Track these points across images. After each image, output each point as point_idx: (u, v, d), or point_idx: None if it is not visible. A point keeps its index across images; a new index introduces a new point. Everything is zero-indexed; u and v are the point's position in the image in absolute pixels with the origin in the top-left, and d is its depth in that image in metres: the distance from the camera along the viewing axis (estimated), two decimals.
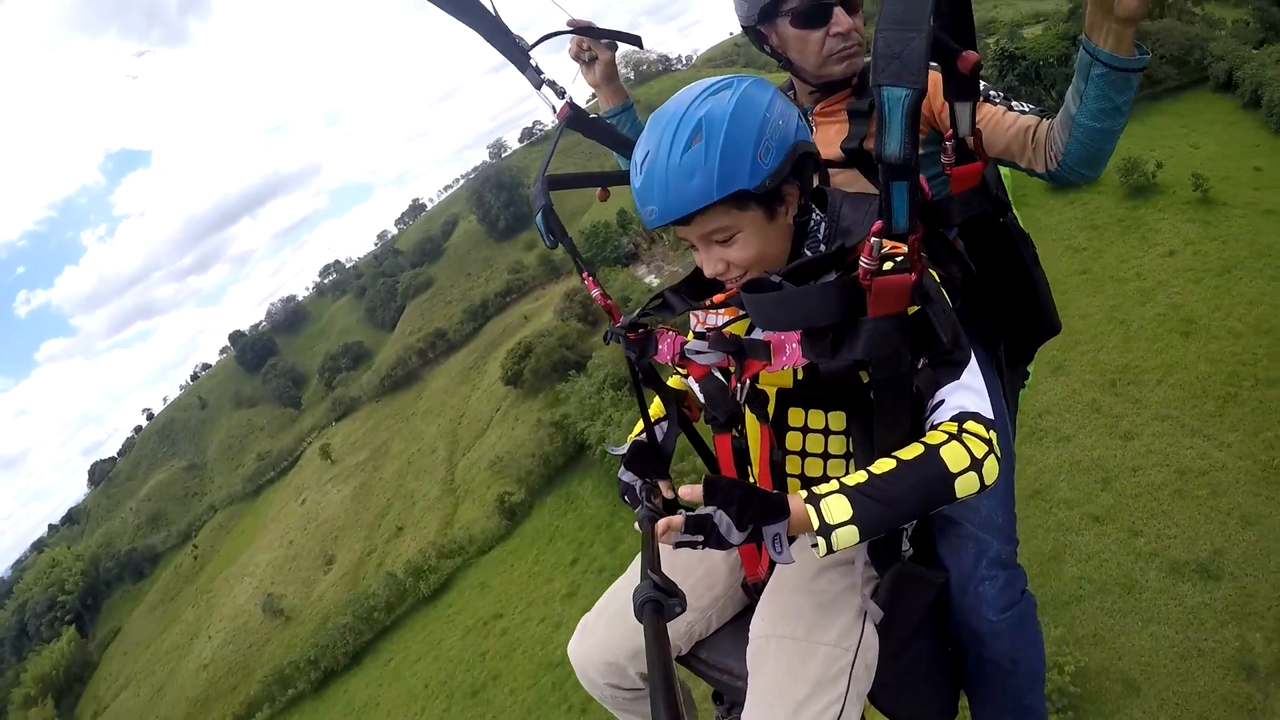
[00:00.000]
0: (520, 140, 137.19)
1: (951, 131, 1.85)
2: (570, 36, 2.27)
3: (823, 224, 1.77)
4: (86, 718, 73.59)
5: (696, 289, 1.95)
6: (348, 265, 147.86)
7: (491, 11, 2.02)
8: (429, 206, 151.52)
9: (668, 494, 1.93)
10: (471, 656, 35.10)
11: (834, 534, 1.45)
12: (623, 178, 2.10)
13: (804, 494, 1.51)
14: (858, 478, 1.51)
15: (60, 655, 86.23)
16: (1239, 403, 20.92)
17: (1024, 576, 2.15)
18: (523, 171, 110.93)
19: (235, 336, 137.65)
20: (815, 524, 1.46)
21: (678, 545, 1.50)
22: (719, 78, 1.68)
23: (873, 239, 1.40)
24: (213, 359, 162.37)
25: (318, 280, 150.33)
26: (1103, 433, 19.40)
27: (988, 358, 2.35)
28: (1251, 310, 24.08)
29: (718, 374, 1.87)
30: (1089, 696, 12.58)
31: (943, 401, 1.57)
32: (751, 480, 1.88)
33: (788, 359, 1.67)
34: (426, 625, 42.28)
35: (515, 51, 2.08)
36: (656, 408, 2.23)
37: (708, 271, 1.74)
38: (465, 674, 34.20)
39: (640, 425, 2.23)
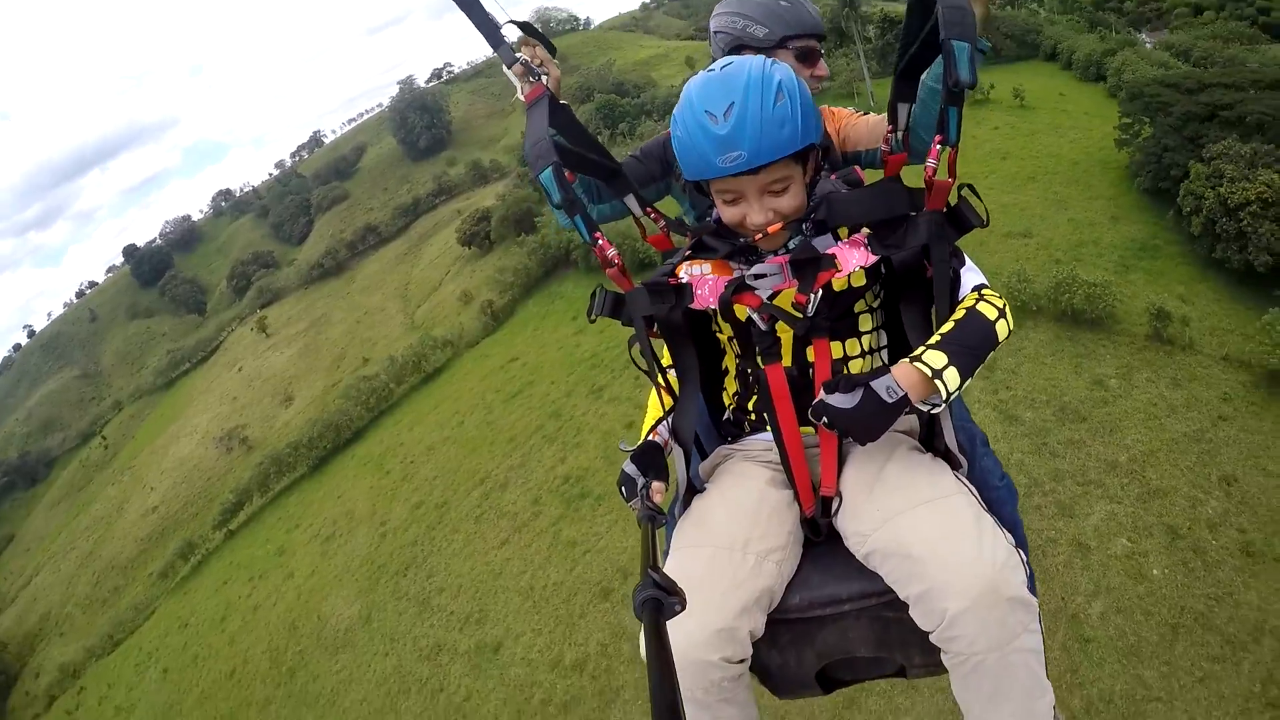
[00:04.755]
0: (429, 80, 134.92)
1: (892, 127, 1.91)
2: (519, 55, 2.04)
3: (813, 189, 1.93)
4: None
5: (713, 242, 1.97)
6: (243, 191, 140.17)
7: None
8: (330, 139, 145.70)
9: (657, 497, 1.84)
10: (499, 382, 38.02)
11: (944, 376, 1.66)
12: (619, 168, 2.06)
13: (904, 361, 1.72)
14: (934, 339, 1.73)
15: None
16: (1038, 181, 33.83)
17: (999, 460, 2.38)
18: (444, 97, 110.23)
19: (129, 250, 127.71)
20: (929, 372, 1.66)
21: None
22: (757, 56, 1.83)
23: (938, 145, 1.67)
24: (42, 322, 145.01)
25: (210, 205, 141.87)
26: None
27: None
28: (1046, 149, 36.75)
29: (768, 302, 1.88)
30: None
31: (960, 281, 1.86)
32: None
33: (857, 260, 1.81)
34: (435, 391, 42.76)
35: (488, 25, 1.98)
36: (656, 407, 2.19)
37: (755, 220, 1.80)
38: (496, 393, 37.21)
39: (652, 420, 2.18)
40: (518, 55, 2.01)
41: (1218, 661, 15.56)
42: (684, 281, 1.95)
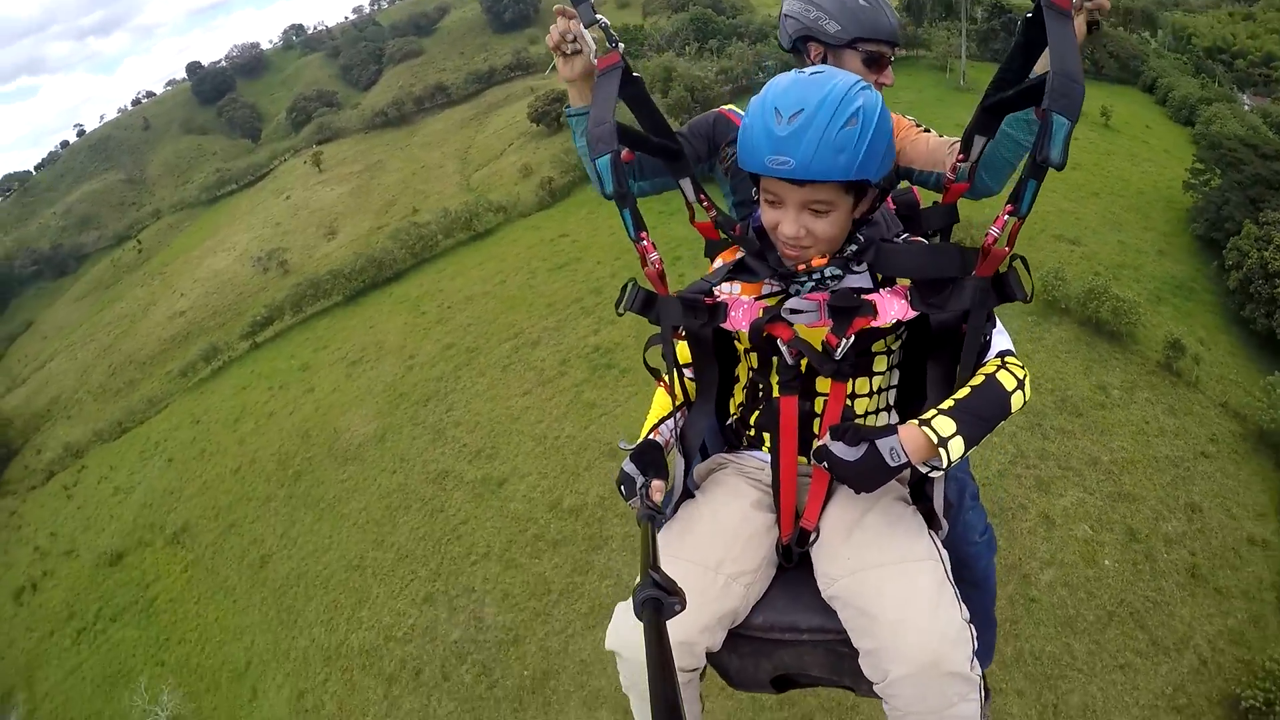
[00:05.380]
0: None
1: (963, 156, 1.89)
2: (555, 22, 1.95)
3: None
4: None
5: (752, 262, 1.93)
6: (315, 29, 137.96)
7: None
8: None
9: (656, 496, 1.85)
10: (547, 253, 38.47)
11: (949, 444, 1.66)
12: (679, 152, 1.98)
13: (914, 422, 1.72)
14: (947, 404, 1.73)
15: None
16: (1100, 198, 34.46)
17: (985, 511, 2.45)
18: None
19: (193, 67, 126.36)
20: (935, 439, 1.66)
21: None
22: (852, 75, 1.71)
23: (1006, 215, 1.59)
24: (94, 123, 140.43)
25: (281, 37, 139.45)
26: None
27: None
28: (1117, 171, 37.33)
29: (801, 336, 1.85)
30: None
31: (989, 345, 1.84)
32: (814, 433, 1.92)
33: (896, 313, 1.76)
34: (481, 249, 42.65)
35: None
36: (664, 404, 2.19)
37: (786, 231, 1.75)
38: (542, 262, 37.63)
39: (654, 419, 2.17)
40: (598, 16, 1.89)
41: (1140, 656, 17.06)
42: (720, 301, 1.92)
